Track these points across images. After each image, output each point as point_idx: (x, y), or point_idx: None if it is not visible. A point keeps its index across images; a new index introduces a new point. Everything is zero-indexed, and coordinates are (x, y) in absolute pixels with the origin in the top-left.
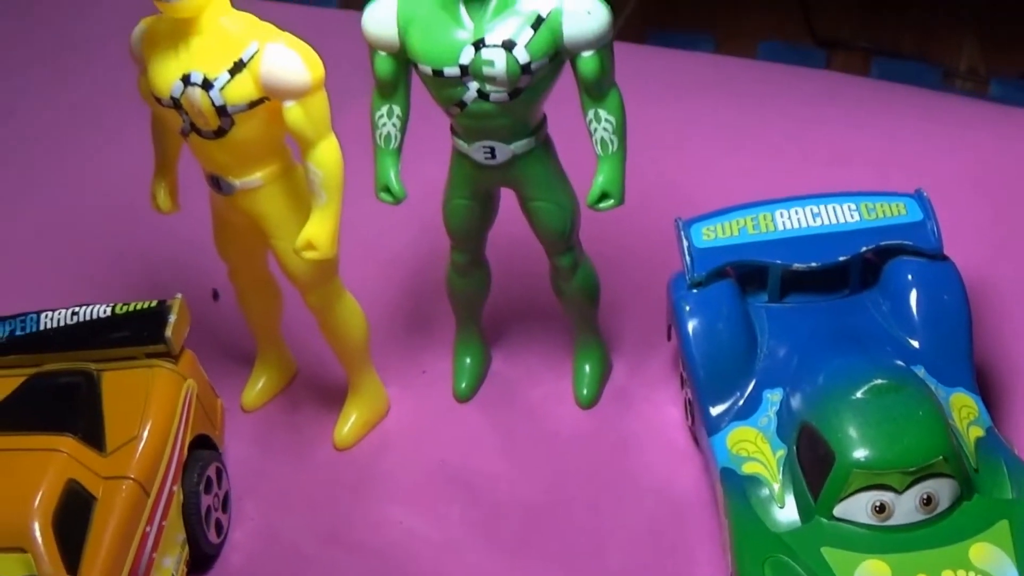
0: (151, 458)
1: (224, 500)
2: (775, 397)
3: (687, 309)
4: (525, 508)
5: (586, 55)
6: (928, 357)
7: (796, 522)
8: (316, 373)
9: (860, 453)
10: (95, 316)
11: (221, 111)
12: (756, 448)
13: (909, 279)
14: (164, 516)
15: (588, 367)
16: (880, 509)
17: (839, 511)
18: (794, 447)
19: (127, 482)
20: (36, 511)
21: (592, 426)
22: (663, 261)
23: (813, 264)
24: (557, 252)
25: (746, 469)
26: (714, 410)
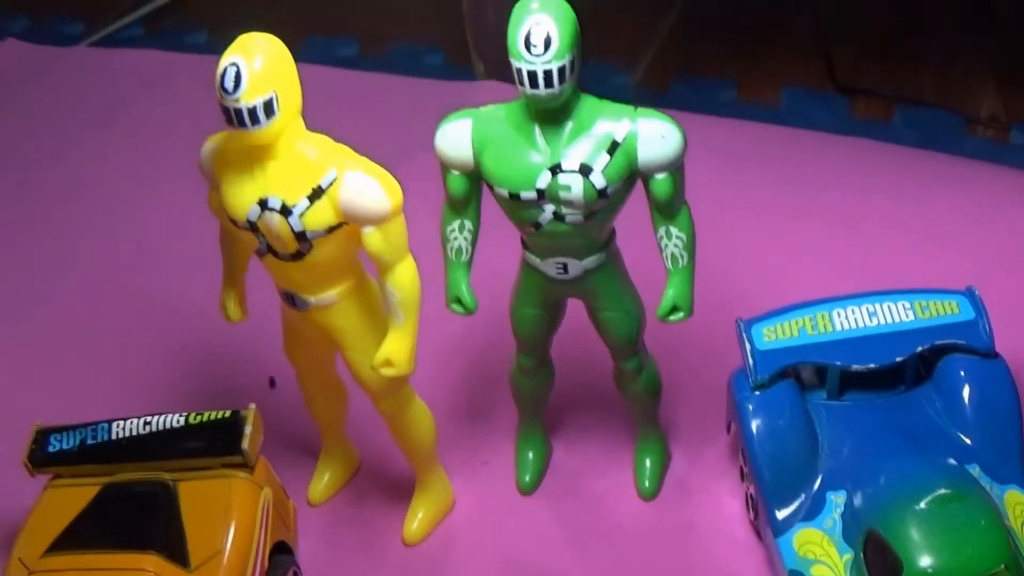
0: (236, 572)
1: None
2: (839, 499)
3: (751, 410)
4: None
5: (659, 177)
6: (982, 455)
7: None
8: (379, 465)
9: (927, 562)
10: (168, 426)
11: (300, 236)
12: (823, 551)
13: (961, 376)
14: None
15: (649, 460)
16: None
17: None
18: (861, 553)
19: None
20: None
21: (655, 519)
22: (716, 348)
23: (872, 365)
24: (624, 357)
25: (814, 572)
26: (780, 513)
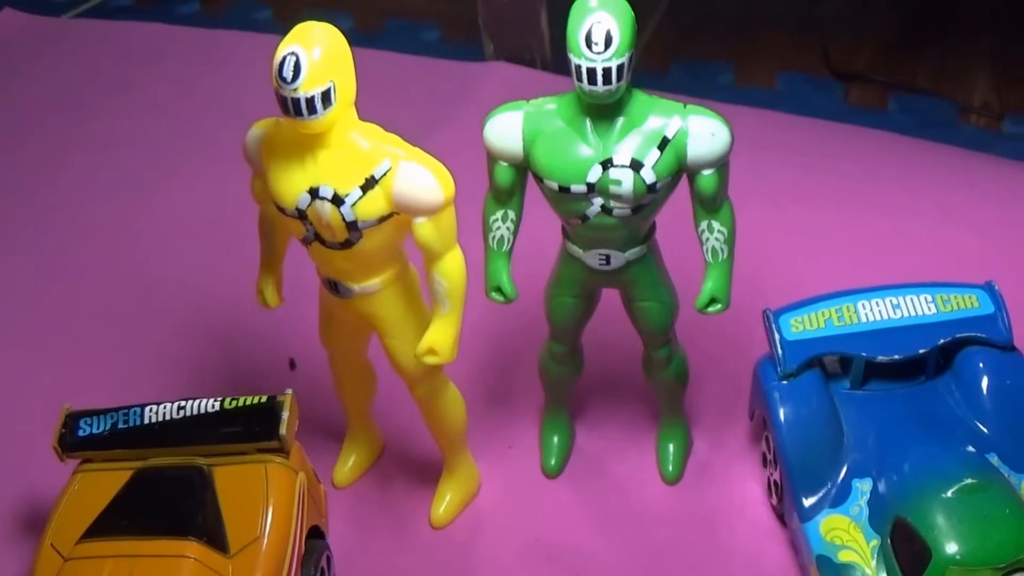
0: (275, 558)
1: None
2: (864, 487)
3: (779, 399)
4: None
5: (706, 173)
6: (1000, 444)
7: None
8: (403, 448)
9: (955, 550)
10: (203, 411)
11: (351, 226)
12: (850, 537)
13: (980, 368)
14: None
15: (672, 445)
16: None
17: None
18: (888, 539)
19: None
20: None
21: (678, 502)
22: (736, 335)
23: (896, 357)
24: (657, 346)
25: (842, 557)
26: (807, 500)
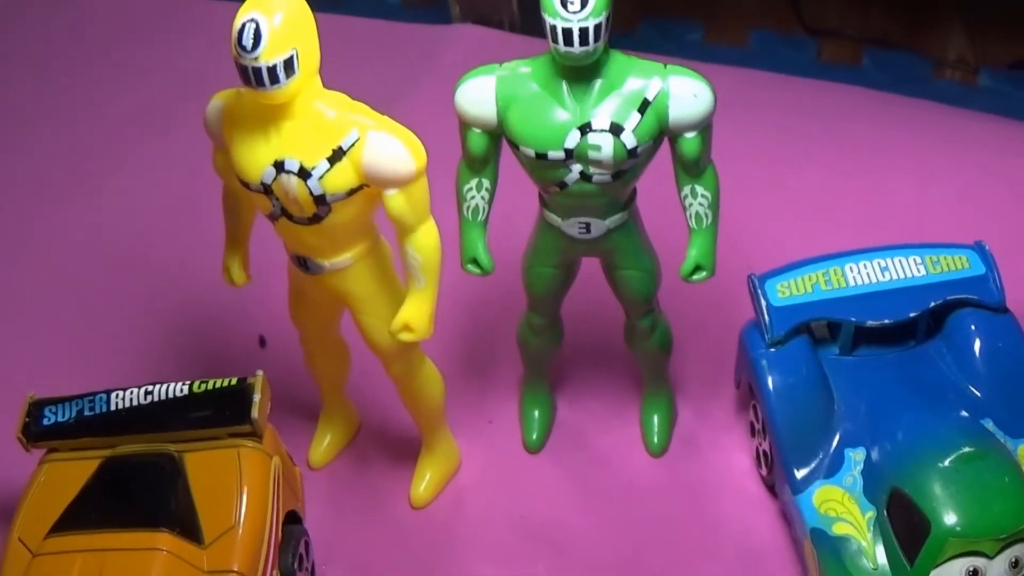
0: (251, 546)
1: (312, 572)
2: (858, 456)
3: (767, 367)
4: (611, 562)
5: (689, 136)
6: (994, 409)
7: None
8: (379, 426)
9: (955, 522)
10: (171, 395)
11: (319, 200)
12: (844, 509)
13: (972, 330)
14: None
15: (657, 417)
16: (973, 573)
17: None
18: (884, 511)
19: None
20: None
21: (664, 475)
22: (719, 301)
23: (886, 321)
24: (639, 315)
25: (836, 530)
26: (799, 472)
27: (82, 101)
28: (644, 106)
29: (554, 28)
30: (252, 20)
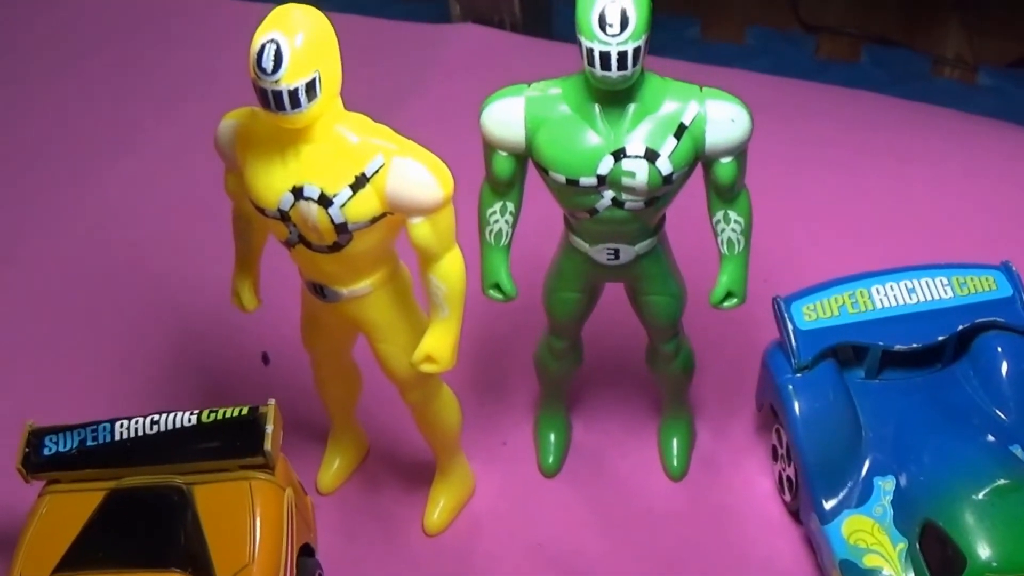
0: None
1: None
2: (887, 485)
3: (794, 393)
4: None
5: (724, 161)
6: (1021, 434)
7: None
8: (390, 447)
9: (990, 555)
10: (179, 425)
11: (340, 228)
12: (875, 540)
13: (999, 353)
14: None
15: (676, 439)
16: None
17: None
18: (917, 543)
19: None
20: None
21: (685, 499)
22: (736, 316)
23: (914, 345)
24: (664, 339)
25: (867, 562)
26: (828, 502)
27: (73, 100)
28: (680, 131)
29: (591, 51)
30: (272, 41)
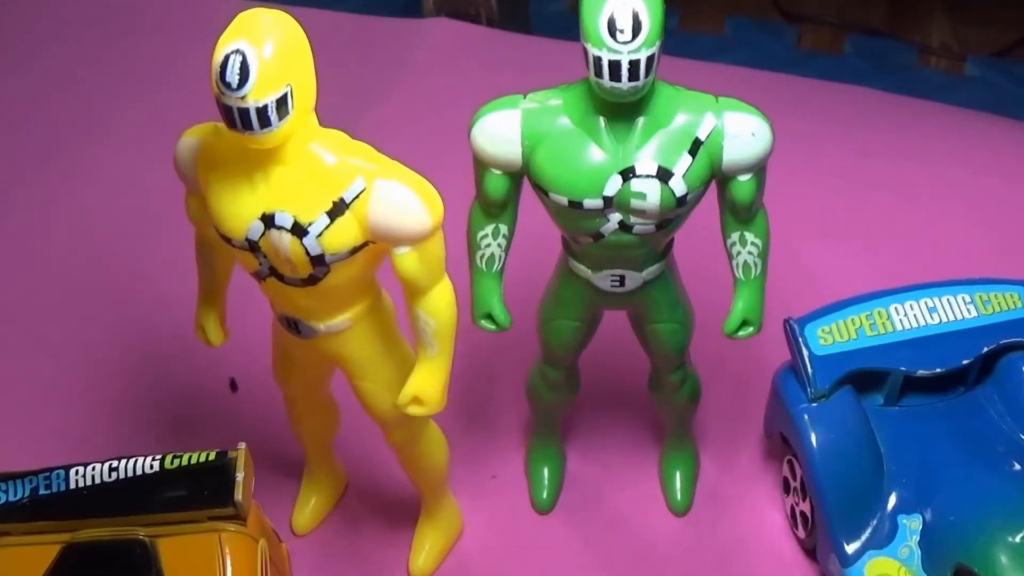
0: None
1: None
2: (914, 524)
3: (810, 424)
4: None
5: (742, 179)
6: None
7: None
8: (370, 483)
9: None
10: (140, 472)
11: (316, 260)
12: None
13: None
14: None
15: (680, 472)
16: None
17: None
18: None
19: None
20: None
21: (690, 535)
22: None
23: (938, 370)
24: (671, 369)
25: None
26: (849, 544)
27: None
28: (696, 147)
29: (599, 60)
30: (238, 51)
